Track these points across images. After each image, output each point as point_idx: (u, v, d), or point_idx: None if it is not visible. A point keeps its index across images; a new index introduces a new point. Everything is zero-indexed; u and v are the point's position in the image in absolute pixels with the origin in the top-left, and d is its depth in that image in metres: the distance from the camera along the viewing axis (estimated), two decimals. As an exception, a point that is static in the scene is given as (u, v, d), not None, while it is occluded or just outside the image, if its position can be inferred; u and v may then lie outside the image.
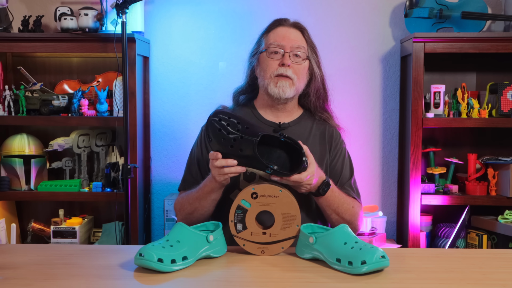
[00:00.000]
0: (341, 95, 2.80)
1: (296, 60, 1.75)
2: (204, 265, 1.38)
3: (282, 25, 1.80)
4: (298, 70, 1.75)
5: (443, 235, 2.70)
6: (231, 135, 1.45)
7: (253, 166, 1.48)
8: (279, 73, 1.73)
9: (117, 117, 2.59)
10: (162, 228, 2.90)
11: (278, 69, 1.73)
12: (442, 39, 2.54)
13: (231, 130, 1.45)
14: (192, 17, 2.86)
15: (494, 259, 1.47)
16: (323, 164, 1.79)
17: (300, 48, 1.76)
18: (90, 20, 2.56)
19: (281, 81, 1.73)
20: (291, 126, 1.80)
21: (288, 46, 1.75)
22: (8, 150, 2.67)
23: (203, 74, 2.88)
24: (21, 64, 2.74)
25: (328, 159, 1.81)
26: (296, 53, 1.75)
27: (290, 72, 1.73)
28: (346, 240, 1.36)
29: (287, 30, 1.78)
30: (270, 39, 1.78)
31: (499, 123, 2.58)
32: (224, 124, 1.46)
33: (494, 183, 2.63)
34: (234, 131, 1.45)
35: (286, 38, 1.76)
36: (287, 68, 1.73)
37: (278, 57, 1.75)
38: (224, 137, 1.45)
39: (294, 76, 1.74)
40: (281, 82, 1.73)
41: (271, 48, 1.76)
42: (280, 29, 1.79)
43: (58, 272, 1.33)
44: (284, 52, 1.74)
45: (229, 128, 1.45)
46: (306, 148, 1.54)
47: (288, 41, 1.75)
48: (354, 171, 1.87)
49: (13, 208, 2.86)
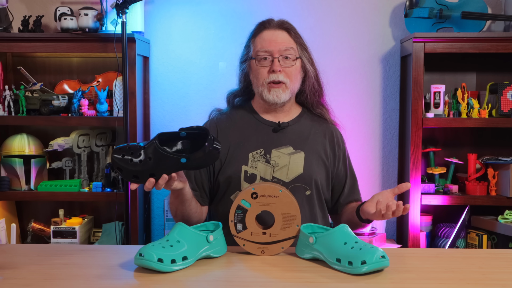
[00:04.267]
0: (341, 95, 2.81)
1: (287, 63, 1.72)
2: (204, 265, 1.38)
3: (266, 28, 1.76)
4: (290, 72, 1.73)
5: (443, 235, 2.70)
6: (138, 156, 1.40)
7: (171, 167, 1.42)
8: (270, 80, 1.71)
9: (117, 117, 2.59)
10: (162, 228, 2.90)
11: (269, 76, 1.71)
12: (442, 39, 2.54)
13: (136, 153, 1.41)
14: (192, 17, 2.86)
15: (494, 259, 1.47)
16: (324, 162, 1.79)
17: (288, 49, 1.73)
18: (90, 20, 2.56)
19: (274, 89, 1.72)
20: (290, 125, 1.80)
21: (276, 51, 1.71)
22: (8, 150, 2.67)
23: (203, 74, 2.88)
24: (21, 64, 2.74)
25: (330, 158, 1.81)
26: (285, 55, 1.72)
27: (282, 77, 1.71)
28: (346, 240, 1.36)
29: (272, 33, 1.74)
30: (258, 45, 1.74)
31: (499, 123, 2.58)
32: (129, 152, 1.41)
33: (494, 183, 2.63)
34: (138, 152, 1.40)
35: (273, 42, 1.72)
36: (278, 74, 1.70)
37: (267, 64, 1.72)
38: (134, 163, 1.40)
39: (287, 79, 1.72)
40: (274, 89, 1.72)
41: (259, 55, 1.73)
42: (265, 33, 1.75)
43: (58, 272, 1.33)
44: (273, 57, 1.71)
45: (132, 153, 1.41)
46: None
47: (275, 45, 1.72)
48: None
49: (13, 208, 2.86)
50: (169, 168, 1.42)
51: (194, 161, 1.41)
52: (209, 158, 1.43)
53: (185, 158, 1.40)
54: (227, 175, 1.74)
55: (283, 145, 1.76)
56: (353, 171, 1.88)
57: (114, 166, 1.42)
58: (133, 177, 1.42)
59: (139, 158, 1.40)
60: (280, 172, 1.72)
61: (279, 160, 1.73)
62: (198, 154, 1.41)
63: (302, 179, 1.73)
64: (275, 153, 1.74)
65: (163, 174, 1.42)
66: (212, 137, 1.42)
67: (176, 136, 1.48)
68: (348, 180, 1.84)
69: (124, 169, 1.41)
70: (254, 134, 1.78)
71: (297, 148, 1.76)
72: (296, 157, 1.74)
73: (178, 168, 1.43)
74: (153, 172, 1.41)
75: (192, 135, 1.47)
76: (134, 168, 1.40)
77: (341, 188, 1.83)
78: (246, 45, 1.81)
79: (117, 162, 1.41)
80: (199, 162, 1.43)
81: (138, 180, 1.43)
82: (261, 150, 1.74)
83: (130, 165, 1.40)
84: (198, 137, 1.46)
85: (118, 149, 1.42)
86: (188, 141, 1.49)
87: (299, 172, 1.73)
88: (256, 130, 1.79)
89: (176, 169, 1.43)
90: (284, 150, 1.75)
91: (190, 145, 1.50)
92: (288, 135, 1.78)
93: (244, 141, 1.77)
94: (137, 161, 1.40)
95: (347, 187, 1.83)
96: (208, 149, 1.41)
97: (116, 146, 1.44)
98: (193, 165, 1.43)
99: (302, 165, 1.74)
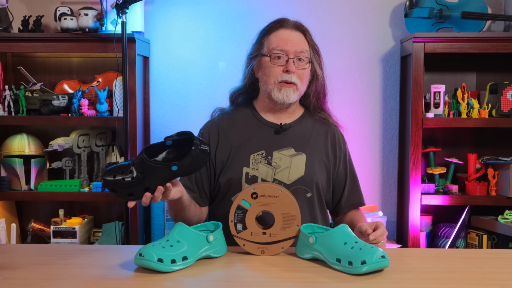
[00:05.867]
0: (341, 95, 2.81)
1: (300, 65, 1.72)
2: (204, 265, 1.38)
3: (283, 27, 1.75)
4: (302, 74, 1.73)
5: (443, 235, 2.70)
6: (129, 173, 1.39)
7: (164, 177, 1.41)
8: (283, 79, 1.70)
9: (117, 117, 2.59)
10: (162, 228, 2.90)
11: (282, 75, 1.70)
12: (442, 39, 2.54)
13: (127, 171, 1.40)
14: (192, 17, 2.86)
15: (494, 259, 1.47)
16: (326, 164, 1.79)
17: (303, 52, 1.72)
18: (90, 20, 2.56)
19: (285, 88, 1.71)
20: (292, 127, 1.80)
21: (292, 51, 1.71)
22: (8, 150, 2.67)
23: (203, 74, 2.88)
24: (21, 64, 2.74)
25: (331, 160, 1.81)
26: (300, 57, 1.72)
27: (294, 78, 1.70)
28: (346, 240, 1.36)
29: (289, 33, 1.74)
30: (273, 43, 1.73)
31: (499, 123, 2.58)
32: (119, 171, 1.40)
33: (494, 183, 2.63)
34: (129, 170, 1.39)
35: (289, 42, 1.71)
36: (291, 74, 1.70)
37: (281, 63, 1.71)
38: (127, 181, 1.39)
39: (298, 81, 1.72)
40: (285, 88, 1.71)
41: (274, 53, 1.71)
42: (282, 32, 1.74)
43: (58, 272, 1.33)
44: (288, 57, 1.70)
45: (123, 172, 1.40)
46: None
47: (292, 45, 1.71)
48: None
49: (13, 208, 2.86)
50: (162, 179, 1.41)
51: (185, 166, 1.40)
52: (199, 161, 1.42)
53: (176, 165, 1.39)
54: (228, 177, 1.73)
55: (285, 147, 1.76)
56: (354, 173, 1.87)
57: (108, 188, 1.40)
58: (128, 196, 1.41)
59: (131, 175, 1.39)
60: (282, 174, 1.72)
61: (280, 162, 1.73)
62: (187, 159, 1.39)
63: (303, 181, 1.73)
64: (277, 155, 1.74)
65: (158, 186, 1.41)
66: (198, 141, 1.41)
67: (163, 147, 1.46)
68: (348, 181, 1.84)
69: (118, 190, 1.40)
70: (256, 135, 1.77)
71: (299, 150, 1.76)
72: (297, 159, 1.74)
73: (171, 177, 1.41)
74: (147, 186, 1.40)
75: (179, 142, 1.46)
76: (128, 186, 1.39)
77: (341, 190, 1.83)
78: (258, 41, 1.78)
79: (110, 184, 1.39)
80: (190, 167, 1.42)
81: (134, 198, 1.41)
82: (263, 152, 1.74)
83: (123, 184, 1.39)
84: (184, 143, 1.45)
85: (108, 171, 1.40)
86: (176, 149, 1.47)
87: (300, 174, 1.73)
88: (257, 131, 1.78)
89: (169, 178, 1.42)
90: (286, 152, 1.75)
91: (178, 152, 1.48)
92: (289, 137, 1.78)
93: (246, 142, 1.76)
94: (129, 179, 1.38)
95: (347, 189, 1.83)
96: (195, 152, 1.40)
97: (107, 168, 1.43)
98: (185, 171, 1.42)
99: (304, 167, 1.74)
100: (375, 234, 1.48)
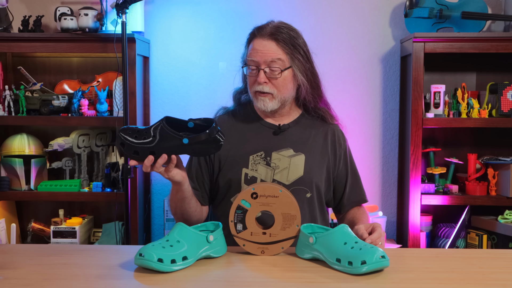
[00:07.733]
0: (341, 95, 2.81)
1: (273, 75, 1.69)
2: (204, 265, 1.38)
3: (257, 36, 1.72)
4: (277, 83, 1.70)
5: (443, 235, 2.70)
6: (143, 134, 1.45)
7: (172, 147, 1.44)
8: (256, 90, 1.71)
9: (117, 117, 2.59)
10: (162, 228, 2.90)
11: (255, 86, 1.71)
12: (442, 39, 2.54)
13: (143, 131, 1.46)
14: (192, 17, 2.86)
15: (494, 259, 1.47)
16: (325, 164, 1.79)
17: (274, 61, 1.68)
18: (90, 20, 2.56)
19: (261, 97, 1.72)
20: (291, 127, 1.80)
21: (262, 61, 1.68)
22: (8, 150, 2.67)
23: (203, 74, 2.88)
24: (21, 64, 2.74)
25: (331, 159, 1.81)
26: (272, 67, 1.69)
27: (267, 89, 1.69)
28: (346, 240, 1.36)
29: (261, 42, 1.70)
30: (248, 53, 1.73)
31: (499, 123, 2.58)
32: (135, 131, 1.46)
33: (494, 183, 2.63)
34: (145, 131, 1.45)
35: (260, 52, 1.69)
36: (263, 85, 1.69)
37: (254, 74, 1.71)
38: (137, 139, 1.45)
39: (273, 90, 1.70)
40: (260, 98, 1.72)
41: (248, 64, 1.72)
42: (255, 42, 1.71)
43: (58, 272, 1.33)
44: (259, 68, 1.69)
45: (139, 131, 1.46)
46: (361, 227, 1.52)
47: (262, 55, 1.68)
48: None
49: (13, 208, 2.86)
50: (170, 147, 1.44)
51: (195, 144, 1.43)
52: (210, 145, 1.45)
53: (187, 139, 1.42)
54: (228, 178, 1.74)
55: (284, 148, 1.76)
56: (356, 170, 1.88)
57: (118, 141, 1.45)
58: (133, 153, 1.45)
59: (144, 136, 1.44)
60: (281, 174, 1.72)
61: (279, 163, 1.73)
62: (200, 137, 1.43)
63: (302, 181, 1.73)
64: (276, 156, 1.74)
65: (163, 154, 1.44)
66: (218, 130, 1.45)
67: (183, 125, 1.49)
68: (349, 178, 1.84)
69: (127, 144, 1.44)
70: (255, 136, 1.78)
71: (298, 150, 1.76)
72: (296, 160, 1.74)
73: (179, 148, 1.45)
74: (153, 150, 1.44)
75: (199, 128, 1.49)
76: (137, 144, 1.44)
77: (342, 187, 1.83)
78: (244, 48, 1.79)
79: (122, 137, 1.45)
80: (200, 148, 1.45)
81: (138, 157, 1.45)
82: (262, 153, 1.74)
83: (133, 141, 1.44)
84: (204, 129, 1.47)
85: (127, 127, 1.47)
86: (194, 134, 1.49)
87: (300, 174, 1.73)
88: (256, 132, 1.78)
89: (176, 149, 1.45)
90: (285, 152, 1.75)
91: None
92: (288, 137, 1.78)
93: (245, 143, 1.77)
94: (141, 138, 1.44)
95: (348, 186, 1.83)
96: (210, 136, 1.43)
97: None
98: (193, 150, 1.45)
99: (303, 167, 1.74)
100: (371, 238, 1.48)
